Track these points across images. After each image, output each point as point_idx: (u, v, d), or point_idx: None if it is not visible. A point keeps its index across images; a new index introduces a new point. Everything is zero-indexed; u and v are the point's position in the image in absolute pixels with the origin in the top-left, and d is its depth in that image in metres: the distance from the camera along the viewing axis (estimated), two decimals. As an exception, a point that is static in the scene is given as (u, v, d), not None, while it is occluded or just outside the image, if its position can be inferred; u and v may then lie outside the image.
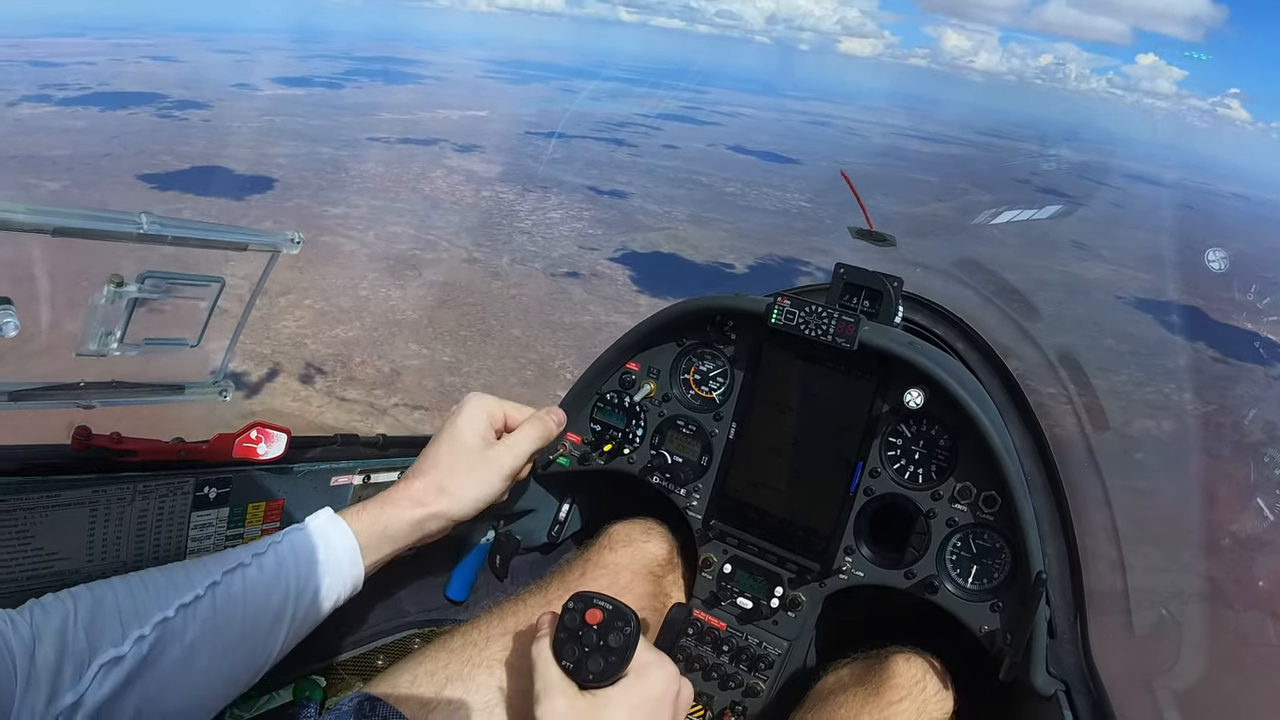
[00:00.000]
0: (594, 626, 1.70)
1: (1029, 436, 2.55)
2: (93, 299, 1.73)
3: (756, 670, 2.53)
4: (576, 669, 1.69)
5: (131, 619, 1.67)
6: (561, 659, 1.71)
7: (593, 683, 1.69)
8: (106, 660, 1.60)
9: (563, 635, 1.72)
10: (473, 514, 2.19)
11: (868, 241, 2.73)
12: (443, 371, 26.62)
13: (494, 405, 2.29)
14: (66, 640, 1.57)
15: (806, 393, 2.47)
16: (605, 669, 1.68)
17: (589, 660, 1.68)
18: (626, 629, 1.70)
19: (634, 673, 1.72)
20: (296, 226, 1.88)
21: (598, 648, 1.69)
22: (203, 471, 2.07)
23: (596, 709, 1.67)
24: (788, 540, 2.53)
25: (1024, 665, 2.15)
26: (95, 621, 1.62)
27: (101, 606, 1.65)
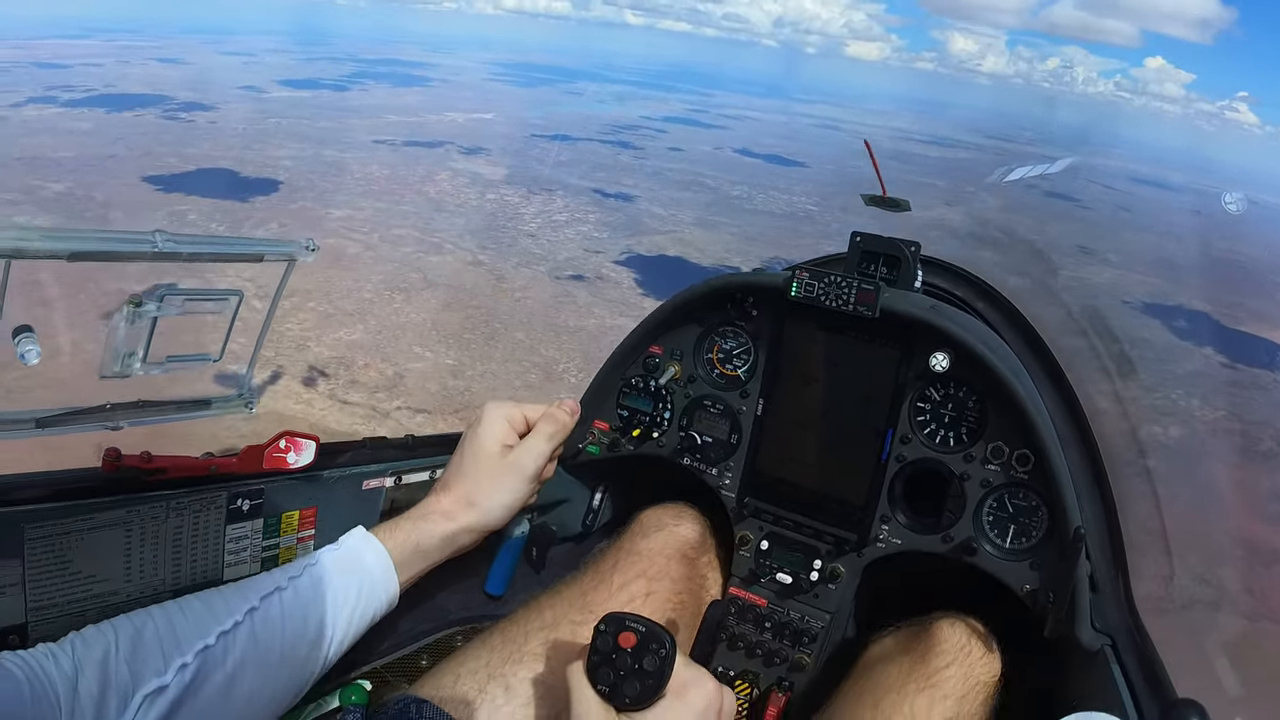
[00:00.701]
0: (628, 650, 1.64)
1: (1057, 392, 2.54)
2: (113, 320, 1.74)
3: (800, 645, 2.50)
4: (612, 693, 1.63)
5: (173, 648, 1.66)
6: (597, 683, 1.65)
7: (629, 706, 1.64)
8: (150, 691, 1.59)
9: (596, 659, 1.66)
10: (504, 522, 2.21)
11: (882, 208, 2.67)
12: (446, 375, 26.56)
13: (511, 409, 2.29)
14: (109, 672, 1.56)
15: (831, 364, 2.45)
16: (642, 692, 1.63)
17: (625, 684, 1.63)
18: (661, 651, 1.64)
19: (672, 693, 1.66)
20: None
21: (633, 671, 1.63)
22: (234, 484, 2.06)
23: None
24: (823, 512, 2.50)
25: (1068, 621, 2.11)
26: (137, 652, 1.62)
27: (142, 637, 1.65)
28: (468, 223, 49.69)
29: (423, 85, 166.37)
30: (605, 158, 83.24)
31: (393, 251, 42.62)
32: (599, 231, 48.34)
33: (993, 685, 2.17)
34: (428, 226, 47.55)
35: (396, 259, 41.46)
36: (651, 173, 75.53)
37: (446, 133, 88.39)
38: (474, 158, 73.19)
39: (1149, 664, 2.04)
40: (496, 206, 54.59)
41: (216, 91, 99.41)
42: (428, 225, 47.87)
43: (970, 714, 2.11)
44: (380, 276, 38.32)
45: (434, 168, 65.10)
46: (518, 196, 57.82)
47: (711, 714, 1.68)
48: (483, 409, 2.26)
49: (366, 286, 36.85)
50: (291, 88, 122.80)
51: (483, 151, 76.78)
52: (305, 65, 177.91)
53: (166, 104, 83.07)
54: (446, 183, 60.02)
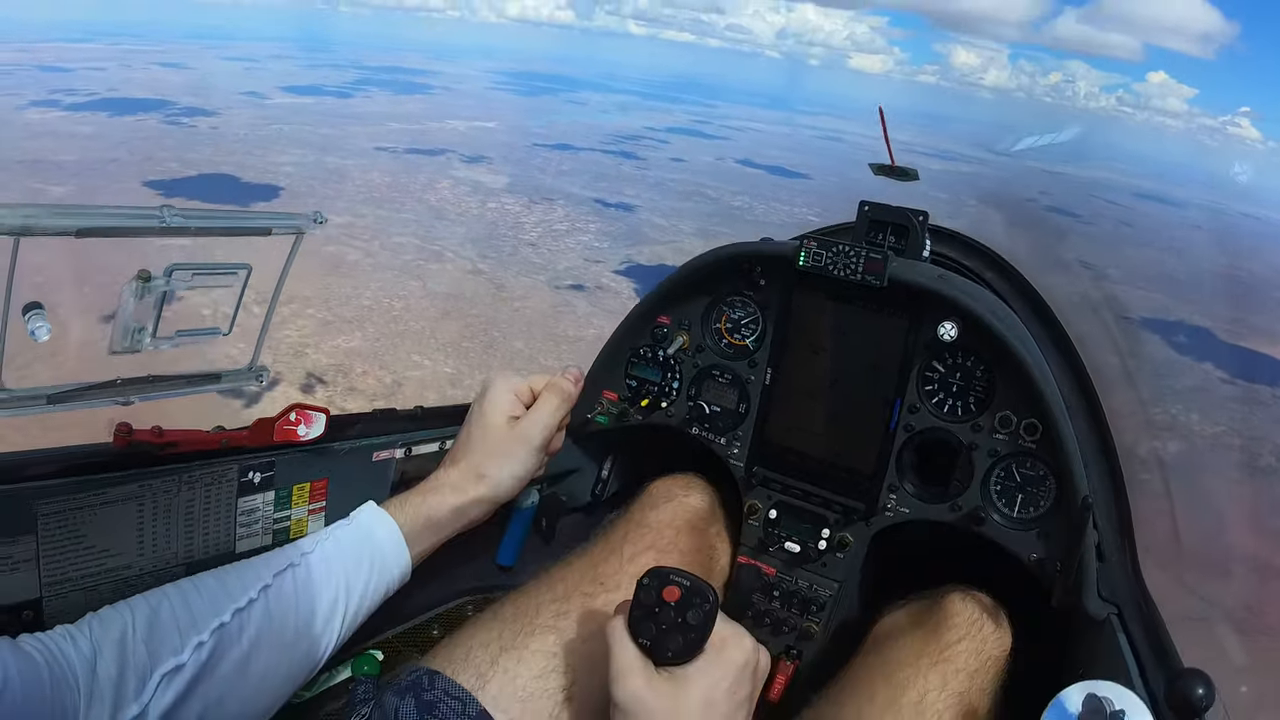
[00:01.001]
0: (671, 604, 1.63)
1: (1066, 362, 2.52)
2: (122, 296, 1.72)
3: (809, 613, 2.51)
4: (654, 647, 1.63)
5: (189, 627, 1.67)
6: (638, 637, 1.64)
7: (671, 660, 1.63)
8: (168, 670, 1.60)
9: (638, 613, 1.65)
10: (513, 494, 2.21)
11: (890, 177, 2.63)
12: (444, 383, 26.56)
13: (517, 381, 2.28)
14: (127, 653, 1.57)
15: (839, 333, 2.44)
16: (685, 646, 1.62)
17: (667, 638, 1.63)
18: (705, 605, 1.63)
19: (713, 648, 1.66)
20: None
21: (676, 625, 1.62)
22: (245, 457, 2.05)
23: (676, 687, 1.62)
24: (831, 482, 2.49)
25: (1075, 591, 2.11)
26: (154, 632, 1.63)
27: (158, 616, 1.66)
28: (468, 231, 49.77)
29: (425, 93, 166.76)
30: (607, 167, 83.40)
31: (393, 259, 42.66)
32: (599, 241, 48.38)
33: (1004, 659, 2.17)
34: (428, 234, 47.59)
35: (396, 266, 41.50)
36: (653, 183, 75.65)
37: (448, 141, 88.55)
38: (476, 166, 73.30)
39: (1155, 633, 2.03)
40: (497, 215, 54.69)
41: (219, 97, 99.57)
42: (428, 233, 47.91)
43: (982, 688, 2.12)
44: (380, 284, 38.37)
45: (435, 175, 65.21)
46: (519, 205, 57.91)
47: (749, 671, 1.68)
48: (488, 381, 2.26)
49: (366, 294, 36.87)
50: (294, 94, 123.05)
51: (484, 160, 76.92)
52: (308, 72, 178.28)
53: (169, 109, 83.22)
54: (448, 191, 60.12)
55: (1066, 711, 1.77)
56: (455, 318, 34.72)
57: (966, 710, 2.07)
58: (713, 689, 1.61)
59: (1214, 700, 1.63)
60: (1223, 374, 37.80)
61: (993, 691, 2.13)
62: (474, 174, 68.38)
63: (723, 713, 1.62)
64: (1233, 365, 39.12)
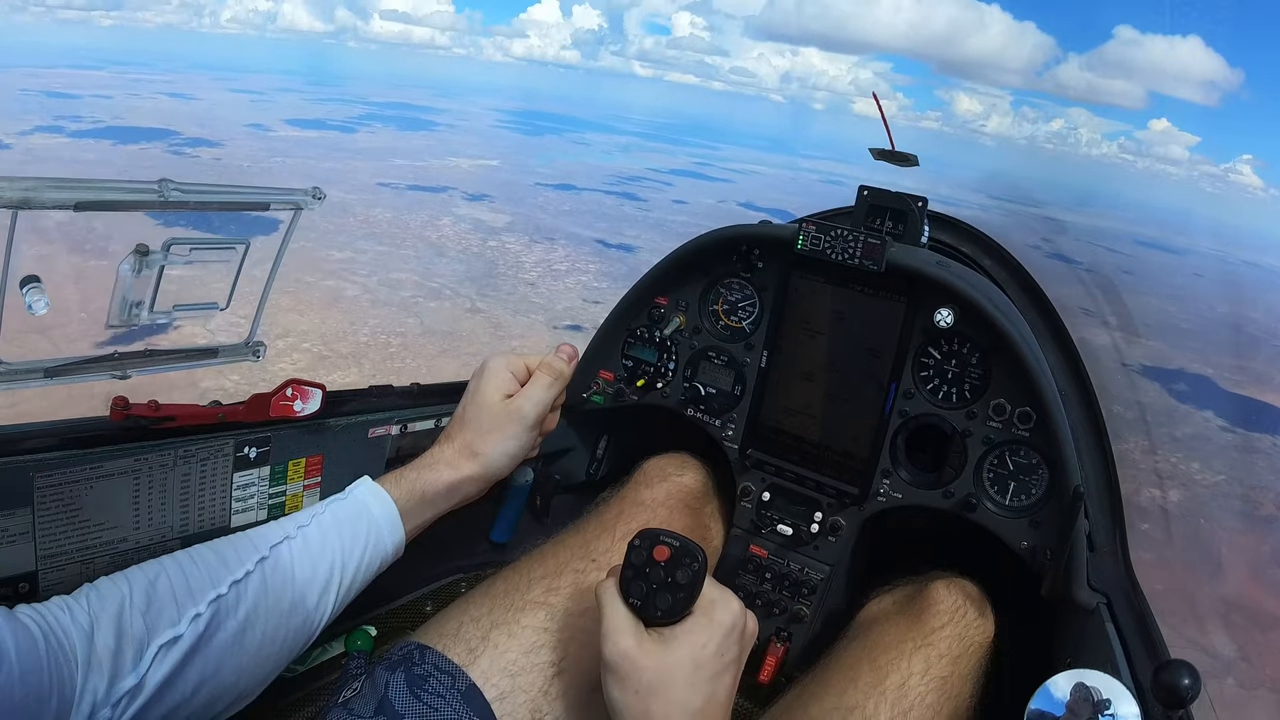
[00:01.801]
0: (661, 563, 1.66)
1: (1061, 351, 2.54)
2: (120, 270, 1.73)
3: (800, 596, 2.52)
4: (644, 606, 1.65)
5: (186, 599, 1.67)
6: (629, 597, 1.67)
7: (660, 619, 1.65)
8: (165, 641, 1.60)
9: (629, 573, 1.68)
10: (507, 471, 2.21)
11: (890, 162, 2.63)
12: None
13: (513, 359, 2.30)
14: (124, 625, 1.57)
15: (836, 317, 2.45)
16: (674, 605, 1.65)
17: (657, 597, 1.65)
18: (694, 565, 1.66)
19: (701, 610, 1.69)
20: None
21: (665, 584, 1.65)
22: (241, 432, 2.07)
23: (665, 647, 1.63)
24: (825, 465, 2.50)
25: (1065, 580, 2.12)
26: (151, 604, 1.63)
27: (156, 588, 1.66)
28: (468, 269, 49.84)
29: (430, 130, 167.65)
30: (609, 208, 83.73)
31: (391, 295, 42.66)
32: (599, 281, 48.40)
33: (987, 645, 2.20)
34: (428, 271, 47.62)
35: (395, 303, 41.49)
36: (654, 224, 75.87)
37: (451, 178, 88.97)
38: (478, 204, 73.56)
39: (1143, 623, 2.04)
40: (498, 253, 54.81)
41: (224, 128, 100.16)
42: (428, 270, 47.95)
43: (964, 673, 2.14)
44: (377, 320, 38.34)
45: (437, 212, 65.42)
46: (519, 244, 58.04)
47: (737, 633, 1.69)
48: (485, 360, 2.26)
49: (363, 330, 36.84)
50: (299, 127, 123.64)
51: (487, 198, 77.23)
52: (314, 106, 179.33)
53: (173, 138, 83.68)
54: (449, 228, 60.28)
55: (1053, 699, 1.78)
56: (452, 356, 34.69)
57: (949, 694, 2.09)
58: (701, 650, 1.62)
59: (1200, 691, 1.61)
60: (1223, 422, 37.58)
61: (975, 677, 2.16)
62: (476, 212, 68.68)
63: (711, 673, 1.63)
64: (1233, 413, 39.02)
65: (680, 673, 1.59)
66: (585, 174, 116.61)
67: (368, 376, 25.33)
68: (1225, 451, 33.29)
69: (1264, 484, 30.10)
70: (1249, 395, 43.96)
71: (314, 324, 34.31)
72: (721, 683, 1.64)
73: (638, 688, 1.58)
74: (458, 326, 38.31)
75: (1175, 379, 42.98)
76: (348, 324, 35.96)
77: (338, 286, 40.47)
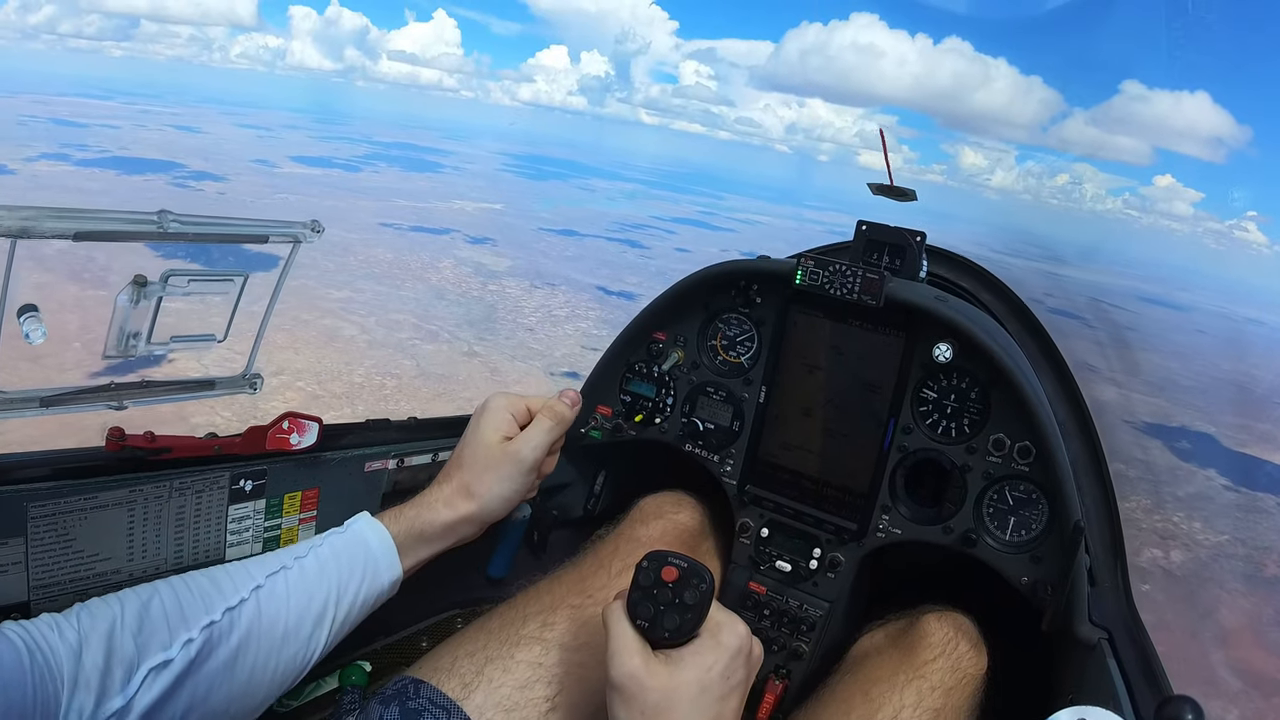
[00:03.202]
0: (669, 584, 1.66)
1: (1061, 385, 2.54)
2: (117, 300, 1.71)
3: (799, 633, 2.49)
4: (651, 627, 1.64)
5: (179, 623, 1.65)
6: (636, 618, 1.66)
7: (668, 640, 1.65)
8: (155, 665, 1.58)
9: (637, 594, 1.67)
10: (502, 514, 2.18)
11: (888, 196, 2.62)
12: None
13: (515, 400, 2.27)
14: (114, 645, 1.55)
15: (835, 352, 2.45)
16: (681, 626, 1.64)
17: (664, 618, 1.64)
18: (702, 586, 1.65)
19: (707, 632, 1.67)
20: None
21: (673, 605, 1.64)
22: (237, 465, 2.05)
23: (672, 668, 1.63)
24: (823, 501, 2.49)
25: (1066, 615, 2.10)
26: (143, 626, 1.61)
27: (148, 611, 1.64)
28: (467, 312, 49.86)
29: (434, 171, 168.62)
30: (612, 255, 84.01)
31: (388, 336, 42.64)
32: (598, 329, 48.36)
33: (980, 678, 2.19)
34: (426, 313, 47.62)
35: (391, 344, 41.46)
36: (656, 272, 76.11)
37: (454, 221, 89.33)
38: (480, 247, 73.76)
39: (1145, 659, 2.02)
40: (498, 297, 54.90)
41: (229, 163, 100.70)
42: (426, 312, 47.95)
43: (957, 706, 2.13)
44: (373, 361, 38.30)
45: (438, 254, 65.54)
46: (520, 289, 58.13)
47: (743, 656, 1.68)
48: (487, 400, 2.25)
49: (358, 370, 36.76)
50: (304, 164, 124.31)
51: (489, 241, 77.44)
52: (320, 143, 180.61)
53: (178, 171, 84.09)
54: (450, 270, 60.36)
55: (1057, 735, 1.81)
56: (447, 400, 34.60)
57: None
58: (707, 672, 1.61)
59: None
60: (1226, 481, 37.35)
61: (969, 710, 2.15)
62: (477, 255, 68.88)
63: (717, 695, 1.62)
64: (1236, 472, 38.91)
65: (687, 694, 1.58)
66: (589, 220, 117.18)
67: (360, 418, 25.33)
68: (1228, 511, 33.20)
69: (1268, 544, 29.89)
70: (1253, 454, 43.81)
71: (309, 362, 34.29)
72: (728, 705, 1.64)
73: (644, 708, 1.57)
74: (454, 370, 38.31)
75: (1178, 436, 42.95)
76: (343, 363, 35.97)
77: (335, 325, 40.50)
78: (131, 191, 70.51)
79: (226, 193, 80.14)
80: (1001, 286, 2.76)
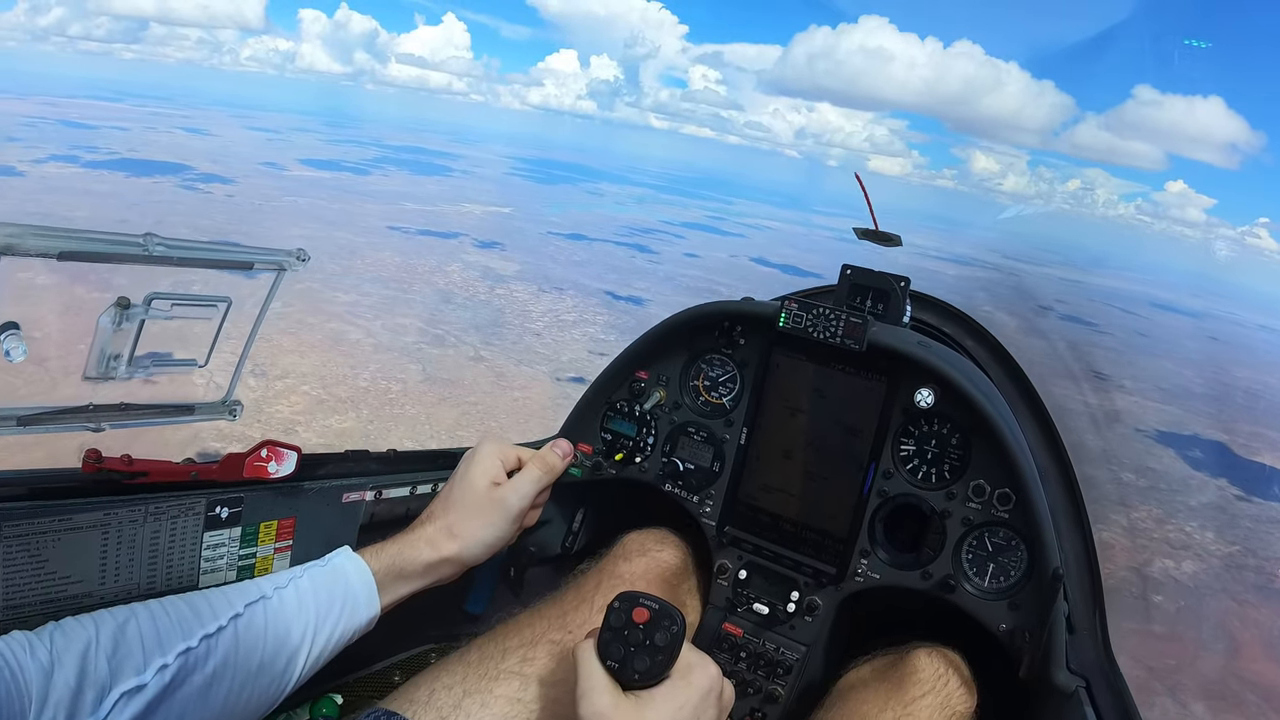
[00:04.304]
0: (640, 625, 1.67)
1: (1042, 432, 2.55)
2: (100, 321, 1.74)
3: (775, 676, 2.48)
4: (621, 668, 1.66)
5: (154, 648, 1.66)
6: (606, 659, 1.67)
7: (638, 682, 1.66)
8: (129, 689, 1.58)
9: (607, 635, 1.68)
10: (483, 558, 2.21)
11: (873, 241, 2.62)
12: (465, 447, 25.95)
13: (506, 448, 2.32)
14: (88, 667, 1.55)
15: (817, 396, 2.46)
16: (651, 668, 1.65)
17: (634, 659, 1.65)
18: (673, 628, 1.67)
19: (678, 673, 1.69)
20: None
21: (644, 646, 1.66)
22: (214, 491, 2.04)
23: (641, 709, 1.64)
24: (802, 544, 2.50)
25: (1044, 663, 2.11)
26: (118, 649, 1.61)
27: (124, 634, 1.64)
28: (474, 317, 49.86)
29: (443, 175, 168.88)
30: (620, 260, 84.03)
31: (394, 340, 42.61)
32: (606, 334, 48.27)
33: (969, 716, 2.17)
34: (433, 317, 47.62)
35: (397, 348, 41.43)
36: (665, 277, 76.12)
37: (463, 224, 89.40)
38: (488, 251, 73.85)
39: (1123, 708, 2.03)
40: (505, 301, 54.92)
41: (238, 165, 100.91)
42: (433, 316, 47.95)
43: None
44: (378, 365, 38.29)
45: (446, 258, 65.59)
46: (528, 293, 58.13)
47: (713, 697, 1.68)
48: (479, 444, 2.30)
49: (363, 374, 36.73)
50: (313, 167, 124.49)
51: (497, 245, 77.49)
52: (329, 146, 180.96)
53: (186, 173, 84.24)
54: (457, 274, 60.41)
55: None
56: (452, 405, 34.56)
57: None
58: (677, 712, 1.62)
59: None
60: (1238, 490, 37.03)
61: None
62: (485, 259, 68.93)
63: None
64: (1249, 481, 38.63)
65: None
66: (597, 224, 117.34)
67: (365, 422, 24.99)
68: (1239, 521, 32.96)
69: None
70: (1265, 462, 43.53)
71: (314, 366, 34.32)
72: None
73: None
74: (460, 375, 38.35)
75: (1189, 445, 42.73)
76: (348, 368, 36.01)
77: (341, 329, 40.57)
78: (141, 193, 70.69)
79: (235, 195, 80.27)
80: (984, 333, 2.76)
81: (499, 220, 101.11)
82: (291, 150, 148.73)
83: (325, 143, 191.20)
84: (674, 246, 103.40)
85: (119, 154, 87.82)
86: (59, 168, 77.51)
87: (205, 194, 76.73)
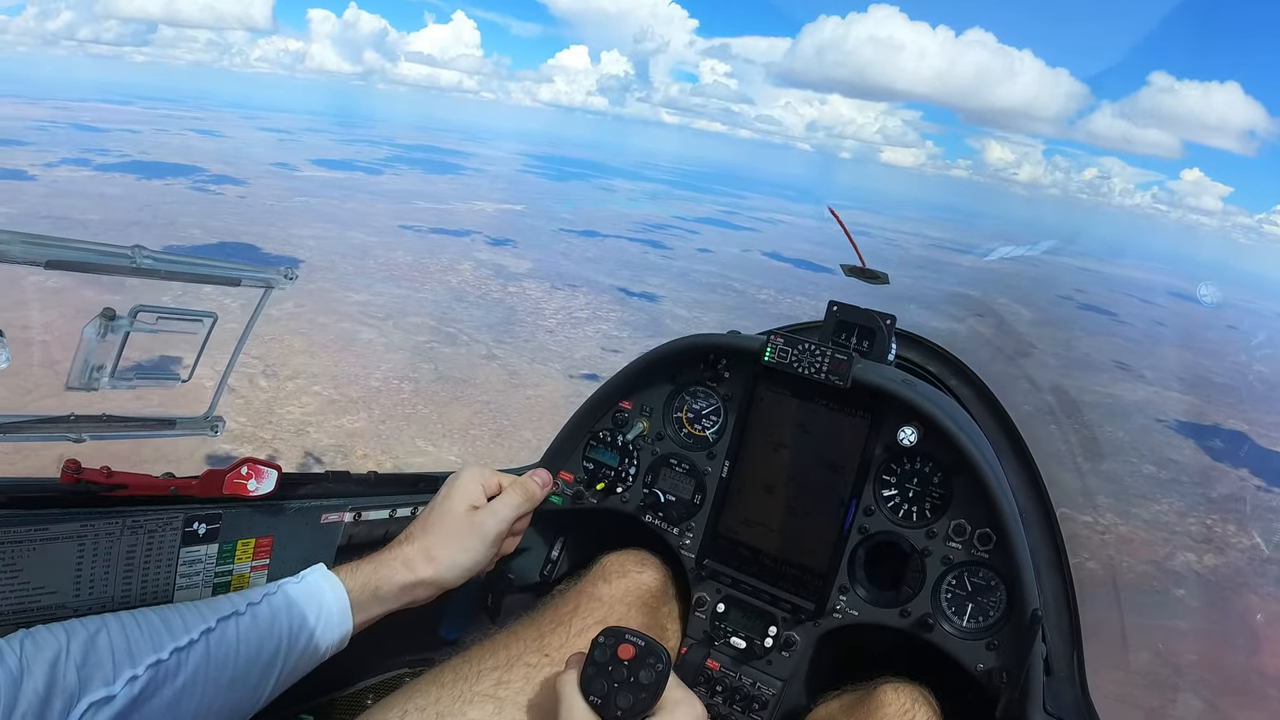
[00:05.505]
0: (625, 662, 1.67)
1: (1024, 472, 2.56)
2: (84, 332, 1.72)
3: (751, 711, 2.50)
4: (604, 705, 1.66)
5: (124, 659, 1.65)
6: (589, 694, 1.67)
7: (620, 719, 1.66)
8: (97, 699, 1.58)
9: (591, 670, 1.69)
10: (460, 581, 2.19)
11: (861, 279, 2.69)
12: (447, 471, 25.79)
13: (487, 474, 2.32)
14: (57, 676, 1.55)
15: (800, 431, 2.46)
16: (634, 705, 1.66)
17: (618, 696, 1.66)
18: (658, 665, 1.67)
19: (663, 710, 1.69)
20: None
21: (628, 683, 1.66)
22: (193, 507, 2.03)
23: None
24: (781, 579, 2.50)
25: (1020, 704, 2.10)
26: (88, 659, 1.61)
27: (95, 644, 1.63)
28: (486, 315, 49.85)
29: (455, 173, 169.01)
30: (633, 256, 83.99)
31: (406, 339, 42.61)
32: (619, 330, 48.19)
33: None
34: (445, 316, 47.61)
35: (409, 348, 41.43)
36: (678, 273, 76.04)
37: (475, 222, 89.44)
38: (500, 249, 73.81)
39: None
40: (518, 299, 54.92)
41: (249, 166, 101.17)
42: (445, 314, 47.94)
43: None
44: (390, 365, 38.29)
45: (458, 256, 65.57)
46: (540, 291, 58.10)
47: None
48: (460, 469, 2.29)
49: (375, 374, 36.73)
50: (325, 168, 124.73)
51: (510, 243, 77.52)
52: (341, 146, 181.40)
53: (198, 175, 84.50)
54: (470, 273, 60.39)
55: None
56: (464, 403, 34.52)
57: None
58: None
59: None
60: (1260, 481, 36.64)
61: None
62: (498, 257, 68.98)
63: None
64: (1271, 472, 38.25)
65: None
66: (610, 220, 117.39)
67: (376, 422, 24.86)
68: (1262, 513, 32.65)
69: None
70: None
71: (325, 366, 34.35)
72: None
73: None
74: (472, 374, 38.40)
75: (1210, 435, 42.45)
76: (360, 368, 36.04)
77: (352, 329, 40.61)
78: (152, 195, 70.88)
79: (247, 196, 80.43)
80: (969, 372, 2.78)
81: (511, 218, 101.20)
82: (303, 151, 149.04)
83: (337, 143, 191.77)
84: (687, 242, 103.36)
85: (130, 156, 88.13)
86: (71, 171, 77.81)
87: (217, 195, 76.90)
